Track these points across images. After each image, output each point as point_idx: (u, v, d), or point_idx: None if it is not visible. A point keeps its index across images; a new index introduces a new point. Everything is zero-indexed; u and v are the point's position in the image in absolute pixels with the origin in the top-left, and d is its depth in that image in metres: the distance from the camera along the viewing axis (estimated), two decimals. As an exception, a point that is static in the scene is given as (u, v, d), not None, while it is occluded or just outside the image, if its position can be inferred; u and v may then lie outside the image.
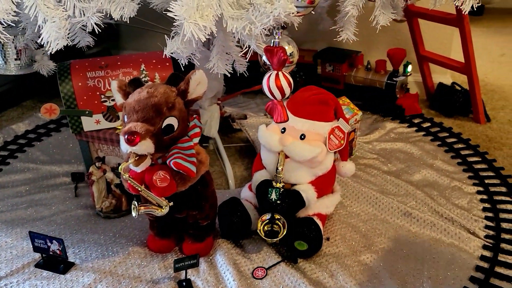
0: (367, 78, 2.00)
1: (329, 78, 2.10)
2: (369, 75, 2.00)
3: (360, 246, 1.27)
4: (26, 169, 1.64)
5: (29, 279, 1.15)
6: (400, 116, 1.95)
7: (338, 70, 2.05)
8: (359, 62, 2.05)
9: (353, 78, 2.04)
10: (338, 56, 2.07)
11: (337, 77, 2.06)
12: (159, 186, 1.04)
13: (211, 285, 1.14)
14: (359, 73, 2.03)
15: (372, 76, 1.98)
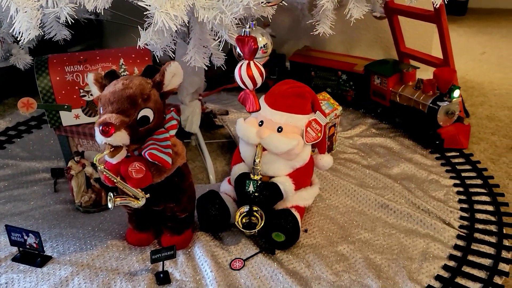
0: (412, 98, 1.74)
1: (377, 92, 1.89)
2: (415, 94, 1.73)
3: (337, 237, 1.28)
4: (5, 166, 1.63)
5: (5, 273, 1.15)
6: (437, 147, 1.69)
7: (384, 84, 1.84)
8: (410, 78, 1.80)
9: (399, 96, 1.79)
10: (386, 69, 1.85)
11: (383, 92, 1.85)
12: (135, 177, 1.04)
13: (189, 276, 1.14)
14: (406, 91, 1.77)
15: (418, 97, 1.72)
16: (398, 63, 1.94)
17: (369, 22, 2.24)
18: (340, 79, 2.02)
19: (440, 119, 1.66)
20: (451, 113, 1.65)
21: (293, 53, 2.18)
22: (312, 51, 2.19)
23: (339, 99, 1.98)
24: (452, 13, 3.78)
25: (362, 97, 1.99)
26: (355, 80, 1.98)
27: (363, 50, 2.32)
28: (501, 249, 1.22)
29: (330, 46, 2.35)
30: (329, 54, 2.17)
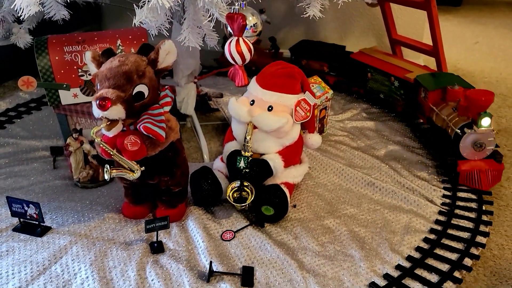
0: (446, 119, 1.51)
1: (420, 106, 1.71)
2: (450, 116, 1.50)
3: (324, 212, 1.34)
4: (6, 144, 1.68)
5: (6, 242, 1.21)
6: (452, 179, 1.46)
7: (426, 99, 1.64)
8: (453, 96, 1.55)
9: (436, 115, 1.58)
10: (431, 81, 1.65)
11: (425, 107, 1.66)
12: (130, 150, 1.10)
13: (182, 246, 1.20)
14: (443, 110, 1.55)
15: (452, 119, 1.49)
16: (451, 79, 1.65)
17: (362, 10, 2.29)
18: (392, 86, 1.84)
19: (463, 149, 1.42)
20: (479, 145, 1.39)
21: (358, 51, 2.05)
22: (377, 51, 2.03)
23: (390, 108, 1.92)
24: (448, 3, 3.82)
25: (411, 109, 1.79)
26: (405, 89, 1.78)
27: (356, 37, 2.37)
28: (479, 223, 1.28)
29: (324, 33, 2.40)
30: (392, 57, 1.99)
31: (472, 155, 1.42)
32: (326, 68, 2.10)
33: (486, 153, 1.42)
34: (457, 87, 1.54)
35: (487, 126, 1.39)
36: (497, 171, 1.43)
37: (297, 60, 2.17)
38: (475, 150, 1.41)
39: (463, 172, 1.42)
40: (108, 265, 1.13)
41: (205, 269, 1.12)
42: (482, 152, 1.42)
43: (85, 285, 1.07)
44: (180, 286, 1.07)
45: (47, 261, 1.14)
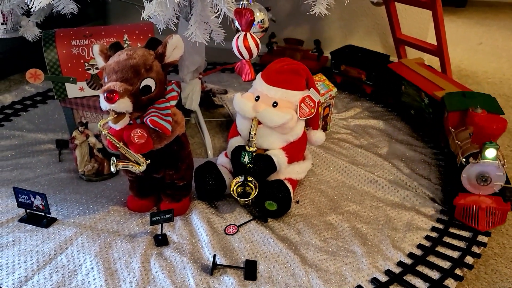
0: (458, 145, 1.36)
1: (442, 127, 1.56)
2: (464, 142, 1.35)
3: (327, 208, 1.35)
4: (12, 136, 1.70)
5: (12, 232, 1.22)
6: (449, 211, 1.33)
7: (446, 120, 1.48)
8: (472, 121, 1.36)
9: (451, 139, 1.41)
10: (454, 101, 1.48)
11: (445, 129, 1.52)
12: (136, 143, 1.11)
13: (186, 239, 1.21)
14: (460, 135, 1.38)
15: (464, 146, 1.34)
16: (481, 100, 1.45)
17: (367, 9, 2.30)
18: (422, 102, 1.70)
19: (465, 181, 1.27)
20: (484, 179, 1.24)
21: (397, 62, 1.95)
22: (418, 64, 1.88)
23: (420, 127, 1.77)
24: (453, 4, 3.82)
25: (438, 130, 1.63)
26: (434, 107, 1.63)
27: (361, 37, 2.38)
28: (481, 222, 1.29)
29: (328, 32, 2.41)
30: (432, 72, 1.82)
31: (476, 189, 1.27)
32: (364, 77, 2.02)
33: (493, 189, 1.26)
34: (480, 110, 1.34)
35: (492, 159, 1.22)
36: (500, 211, 1.24)
37: (336, 64, 2.11)
38: (478, 183, 1.26)
39: (459, 206, 1.27)
40: (113, 257, 1.14)
41: (209, 262, 1.13)
42: (488, 187, 1.26)
43: (90, 276, 1.08)
44: (184, 278, 1.09)
45: (53, 252, 1.15)
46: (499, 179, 1.25)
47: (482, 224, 1.24)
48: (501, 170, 1.24)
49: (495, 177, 1.24)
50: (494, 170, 1.24)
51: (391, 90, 1.93)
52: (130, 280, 1.07)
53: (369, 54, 2.10)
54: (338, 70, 2.11)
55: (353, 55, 2.09)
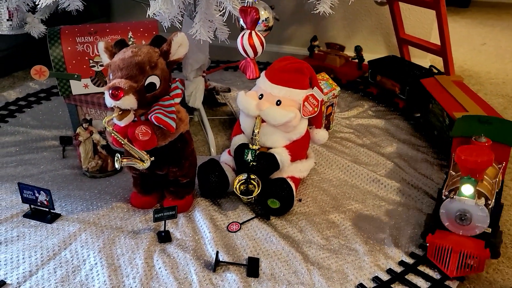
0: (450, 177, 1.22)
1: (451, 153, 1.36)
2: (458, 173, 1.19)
3: (329, 207, 1.36)
4: (16, 132, 1.71)
5: (17, 227, 1.23)
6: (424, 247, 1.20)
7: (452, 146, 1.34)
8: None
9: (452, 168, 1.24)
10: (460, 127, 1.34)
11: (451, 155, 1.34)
12: (141, 140, 1.12)
13: (189, 236, 1.22)
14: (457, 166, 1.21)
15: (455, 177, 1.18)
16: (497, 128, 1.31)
17: (370, 8, 2.30)
18: (444, 123, 1.57)
19: (443, 218, 1.12)
20: (462, 218, 1.09)
21: (432, 77, 1.81)
22: (455, 82, 1.75)
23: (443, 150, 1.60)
24: (456, 5, 3.82)
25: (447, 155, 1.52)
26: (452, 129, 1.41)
27: (364, 37, 2.38)
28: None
29: (332, 31, 2.41)
30: (466, 91, 1.69)
31: (456, 228, 1.11)
32: (398, 90, 1.90)
33: (474, 230, 1.09)
34: (484, 139, 1.17)
35: (469, 196, 1.06)
36: (478, 257, 1.07)
37: (373, 74, 2.02)
38: (457, 222, 1.10)
39: (431, 244, 1.12)
40: (116, 253, 1.15)
41: (212, 259, 1.14)
42: (469, 228, 1.10)
43: (94, 271, 1.09)
44: (187, 274, 1.09)
45: (57, 247, 1.16)
46: (480, 220, 1.08)
47: (452, 269, 1.08)
48: (484, 210, 1.07)
49: (476, 218, 1.08)
50: (476, 210, 1.07)
51: (420, 107, 1.80)
52: (133, 276, 1.08)
53: (409, 66, 1.97)
54: (374, 80, 2.02)
55: (391, 65, 1.98)
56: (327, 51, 2.24)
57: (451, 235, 1.12)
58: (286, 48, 2.46)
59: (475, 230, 1.09)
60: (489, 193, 1.11)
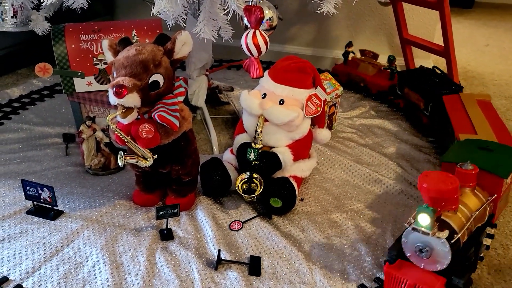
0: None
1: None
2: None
3: (331, 206, 1.36)
4: (19, 129, 1.71)
5: (20, 224, 1.23)
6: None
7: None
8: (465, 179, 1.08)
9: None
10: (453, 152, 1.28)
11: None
12: (144, 138, 1.12)
13: (191, 234, 1.22)
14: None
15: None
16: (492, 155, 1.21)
17: (374, 9, 2.30)
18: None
19: (405, 247, 1.00)
20: (422, 250, 0.97)
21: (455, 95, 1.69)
22: (480, 102, 1.63)
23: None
24: (460, 5, 3.82)
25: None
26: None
27: (367, 37, 2.38)
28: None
29: (335, 32, 2.41)
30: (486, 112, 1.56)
31: (417, 261, 0.99)
32: (422, 105, 1.77)
33: (435, 266, 0.97)
34: (470, 166, 1.08)
35: (425, 227, 0.94)
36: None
37: (401, 85, 1.91)
38: (417, 255, 0.98)
39: (386, 274, 1.02)
40: (119, 250, 1.15)
41: (213, 257, 1.14)
42: (430, 262, 0.97)
43: (96, 268, 1.09)
44: (189, 272, 1.10)
45: (60, 244, 1.17)
46: (441, 255, 0.96)
47: None
48: (444, 245, 0.94)
49: (436, 252, 0.96)
50: (436, 243, 0.95)
51: (440, 126, 1.68)
52: (135, 273, 1.08)
53: (440, 80, 1.81)
54: (402, 92, 1.91)
55: (419, 78, 1.83)
56: (361, 59, 2.15)
57: (412, 267, 1.01)
58: (290, 47, 2.47)
59: (436, 265, 0.97)
60: (458, 226, 0.99)
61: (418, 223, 0.96)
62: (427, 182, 0.93)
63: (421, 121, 1.81)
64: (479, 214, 1.07)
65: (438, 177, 0.95)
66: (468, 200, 1.07)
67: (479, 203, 1.08)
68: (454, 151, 1.28)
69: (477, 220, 1.07)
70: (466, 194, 1.09)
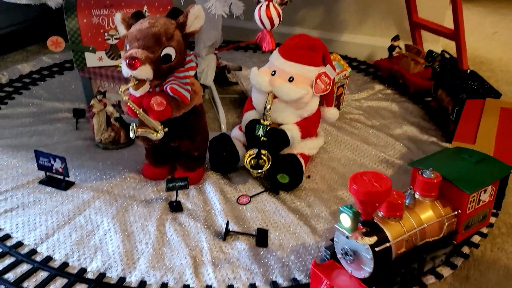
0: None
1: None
2: None
3: (338, 184, 1.38)
4: (30, 104, 1.74)
5: (33, 193, 1.26)
6: None
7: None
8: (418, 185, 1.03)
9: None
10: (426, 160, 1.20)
11: None
12: (156, 110, 1.14)
13: (199, 207, 1.25)
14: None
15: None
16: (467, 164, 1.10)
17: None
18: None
19: (336, 247, 0.97)
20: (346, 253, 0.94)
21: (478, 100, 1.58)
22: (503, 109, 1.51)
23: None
24: (469, -7, 3.77)
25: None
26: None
27: (376, 21, 2.37)
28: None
29: (344, 15, 2.40)
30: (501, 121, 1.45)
31: (346, 265, 0.95)
32: (451, 109, 1.64)
33: (360, 272, 0.92)
34: (433, 175, 1.00)
35: (346, 229, 0.88)
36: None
37: (436, 86, 1.77)
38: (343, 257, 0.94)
39: (312, 272, 0.97)
40: (129, 220, 1.18)
41: (222, 229, 1.16)
42: (357, 268, 0.93)
43: (108, 236, 1.12)
44: (198, 242, 1.12)
45: (72, 213, 1.19)
46: (364, 262, 0.91)
47: None
48: (368, 251, 0.89)
49: (362, 259, 0.91)
50: (361, 248, 0.90)
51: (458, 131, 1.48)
52: (146, 241, 1.11)
53: (477, 84, 1.67)
54: (436, 94, 1.76)
55: (454, 80, 1.68)
56: (405, 54, 2.03)
57: (341, 270, 0.96)
58: (298, 29, 2.45)
59: (361, 272, 0.92)
60: (395, 235, 0.93)
61: (340, 223, 0.90)
62: (356, 183, 0.86)
63: (448, 126, 1.64)
64: (431, 228, 0.99)
65: (370, 179, 0.87)
66: (422, 211, 0.99)
67: (434, 217, 1.00)
68: (430, 157, 1.19)
69: (426, 234, 0.98)
70: (423, 204, 1.01)
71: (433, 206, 1.02)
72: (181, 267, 1.05)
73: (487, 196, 1.06)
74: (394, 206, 0.93)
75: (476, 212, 1.07)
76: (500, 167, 1.10)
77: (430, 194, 1.01)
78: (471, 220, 1.07)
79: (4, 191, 1.26)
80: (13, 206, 1.20)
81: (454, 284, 1.05)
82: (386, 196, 0.87)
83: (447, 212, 1.02)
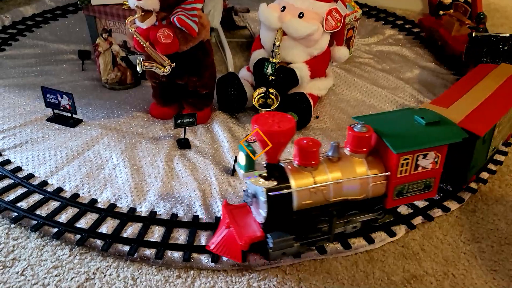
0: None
1: None
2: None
3: (346, 124, 1.36)
4: (35, 45, 1.71)
5: (42, 129, 1.26)
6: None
7: None
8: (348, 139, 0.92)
9: None
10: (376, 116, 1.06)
11: None
12: (163, 43, 1.11)
13: (207, 144, 1.25)
14: None
15: None
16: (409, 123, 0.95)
17: None
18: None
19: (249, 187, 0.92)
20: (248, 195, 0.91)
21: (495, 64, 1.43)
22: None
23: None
24: None
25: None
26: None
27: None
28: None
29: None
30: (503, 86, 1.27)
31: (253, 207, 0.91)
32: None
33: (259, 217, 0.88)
34: (364, 128, 0.88)
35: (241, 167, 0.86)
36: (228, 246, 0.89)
37: (468, 53, 1.55)
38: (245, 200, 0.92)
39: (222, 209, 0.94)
40: (138, 155, 1.19)
41: (230, 165, 1.17)
42: (256, 211, 0.89)
43: (117, 170, 1.13)
44: (206, 176, 1.13)
45: (81, 148, 1.20)
46: (260, 205, 0.86)
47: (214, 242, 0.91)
48: (263, 194, 0.83)
49: (259, 202, 0.86)
50: (259, 191, 0.85)
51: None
52: (155, 175, 1.12)
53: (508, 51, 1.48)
54: (468, 61, 1.56)
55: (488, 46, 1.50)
56: (451, 13, 1.80)
57: (249, 212, 0.91)
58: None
59: (258, 216, 0.87)
60: (298, 184, 0.85)
61: (239, 163, 0.83)
62: (258, 123, 0.82)
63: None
64: (350, 186, 0.88)
65: (273, 120, 0.82)
66: (344, 167, 0.88)
67: (356, 175, 0.88)
68: (379, 114, 1.07)
69: (342, 191, 0.88)
70: (347, 159, 0.89)
71: (359, 163, 0.89)
72: (190, 199, 1.06)
73: (429, 162, 0.91)
74: (307, 154, 0.84)
75: (412, 179, 0.92)
76: (454, 133, 0.94)
77: (359, 150, 0.89)
78: (406, 187, 0.93)
79: (12, 127, 1.26)
80: (22, 141, 1.21)
81: (461, 217, 1.06)
82: (285, 137, 0.81)
83: (374, 172, 0.89)
